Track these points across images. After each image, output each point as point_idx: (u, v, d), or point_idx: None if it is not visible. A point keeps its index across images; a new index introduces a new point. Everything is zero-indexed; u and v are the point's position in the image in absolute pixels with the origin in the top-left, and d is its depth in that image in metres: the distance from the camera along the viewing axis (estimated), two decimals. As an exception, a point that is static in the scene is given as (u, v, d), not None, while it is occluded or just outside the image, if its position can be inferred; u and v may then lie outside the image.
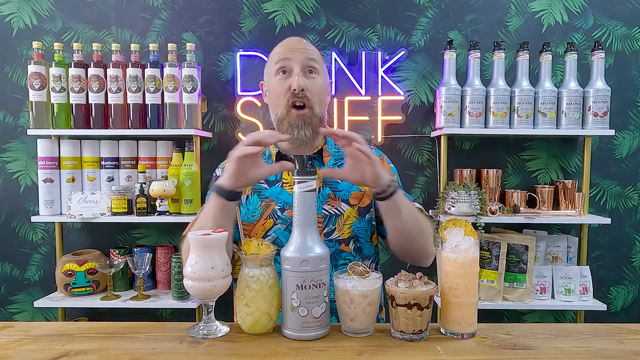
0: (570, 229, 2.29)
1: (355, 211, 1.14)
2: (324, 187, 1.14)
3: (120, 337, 0.87)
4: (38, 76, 2.00)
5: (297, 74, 1.11)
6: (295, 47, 1.15)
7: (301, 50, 1.14)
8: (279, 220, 1.12)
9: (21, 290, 2.36)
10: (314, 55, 1.15)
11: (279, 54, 1.15)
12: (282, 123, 1.13)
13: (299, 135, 1.12)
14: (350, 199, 1.15)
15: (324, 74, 1.19)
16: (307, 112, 1.12)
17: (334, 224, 1.13)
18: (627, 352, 0.80)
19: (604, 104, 2.04)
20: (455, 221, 0.91)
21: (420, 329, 0.84)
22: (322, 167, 1.17)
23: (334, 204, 1.13)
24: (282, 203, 1.13)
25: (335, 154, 1.21)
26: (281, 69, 1.13)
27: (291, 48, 1.15)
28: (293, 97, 1.11)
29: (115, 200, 2.03)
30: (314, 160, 1.18)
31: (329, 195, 1.14)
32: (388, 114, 2.26)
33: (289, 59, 1.13)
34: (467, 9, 2.25)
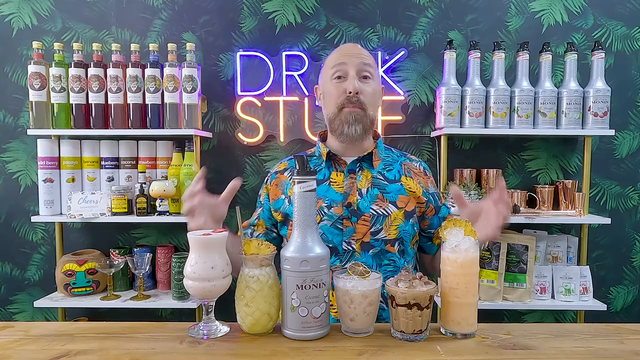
0: (570, 229, 2.29)
1: (401, 214, 1.17)
2: (372, 187, 1.18)
3: (120, 337, 0.87)
4: (38, 76, 2.00)
5: (353, 77, 1.16)
6: (351, 52, 1.20)
7: (356, 55, 1.19)
8: (326, 216, 1.16)
9: (21, 290, 2.36)
10: (369, 61, 1.20)
11: (335, 59, 1.20)
12: (334, 122, 1.19)
13: (350, 131, 1.17)
14: (398, 202, 1.18)
15: (378, 79, 1.25)
16: (359, 111, 1.17)
17: (382, 224, 1.16)
18: (627, 352, 0.80)
19: (604, 104, 2.04)
20: (455, 221, 0.91)
21: (420, 329, 0.84)
22: (371, 170, 1.21)
23: (382, 204, 1.17)
24: (329, 200, 1.17)
25: (386, 158, 1.26)
26: (337, 73, 1.18)
27: (347, 53, 1.20)
28: (347, 100, 1.16)
29: (115, 200, 2.03)
30: (363, 163, 1.22)
31: (377, 196, 1.17)
32: (388, 114, 2.26)
33: (345, 63, 1.18)
34: (467, 9, 2.25)
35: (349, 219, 1.15)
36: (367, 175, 1.20)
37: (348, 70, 1.17)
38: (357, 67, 1.18)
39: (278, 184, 1.28)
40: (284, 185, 1.26)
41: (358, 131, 1.17)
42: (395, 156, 1.29)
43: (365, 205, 1.16)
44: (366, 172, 1.21)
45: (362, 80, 1.18)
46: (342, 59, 1.19)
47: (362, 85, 1.17)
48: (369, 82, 1.19)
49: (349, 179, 1.20)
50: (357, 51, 1.21)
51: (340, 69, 1.18)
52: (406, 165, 1.26)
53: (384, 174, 1.22)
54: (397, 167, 1.24)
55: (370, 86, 1.19)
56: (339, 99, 1.17)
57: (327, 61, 1.24)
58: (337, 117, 1.19)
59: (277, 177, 1.30)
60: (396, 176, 1.22)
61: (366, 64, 1.19)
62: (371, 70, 1.20)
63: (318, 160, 1.26)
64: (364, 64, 1.19)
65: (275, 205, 1.25)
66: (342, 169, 1.21)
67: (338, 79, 1.18)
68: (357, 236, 1.15)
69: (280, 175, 1.29)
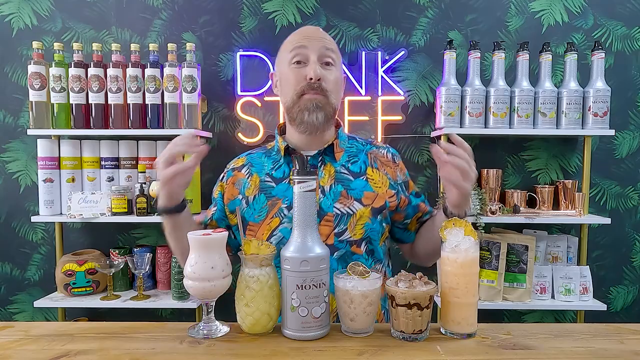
0: (570, 229, 2.29)
1: (368, 211, 1.09)
2: (335, 184, 1.10)
3: (120, 337, 0.87)
4: (38, 76, 2.00)
5: (314, 62, 1.06)
6: (312, 35, 1.10)
7: (318, 38, 1.09)
8: (286, 218, 1.07)
9: (21, 290, 2.36)
10: (332, 46, 1.11)
11: (295, 42, 1.09)
12: (292, 109, 1.09)
13: (310, 119, 1.06)
14: (363, 199, 1.10)
15: (340, 67, 1.14)
16: (321, 98, 1.07)
17: (346, 224, 1.07)
18: (627, 352, 0.80)
19: (604, 104, 2.04)
20: (455, 221, 0.91)
21: (420, 329, 0.84)
22: (334, 164, 1.12)
23: (346, 202, 1.08)
24: (289, 201, 1.08)
25: (349, 149, 1.17)
26: (296, 57, 1.08)
27: (308, 36, 1.09)
28: (308, 87, 1.06)
29: (115, 200, 2.03)
30: (325, 156, 1.13)
31: (341, 193, 1.09)
32: (388, 114, 2.26)
33: (306, 46, 1.07)
34: (467, 9, 2.25)
35: None
36: (330, 170, 1.11)
37: (309, 54, 1.07)
38: (319, 51, 1.07)
39: (235, 182, 1.17)
40: (242, 184, 1.15)
41: (320, 118, 1.07)
42: (361, 145, 1.20)
43: (328, 204, 1.07)
44: (329, 167, 1.12)
45: (324, 66, 1.08)
46: (302, 42, 1.08)
47: (324, 71, 1.07)
48: (331, 68, 1.09)
49: None
50: (320, 34, 1.11)
51: (300, 53, 1.07)
52: (372, 154, 1.17)
53: (348, 167, 1.13)
54: (362, 158, 1.16)
55: (333, 73, 1.09)
56: (299, 86, 1.07)
57: (285, 44, 1.12)
58: (296, 104, 1.08)
59: (234, 174, 1.18)
60: (362, 168, 1.13)
61: (329, 49, 1.09)
62: (334, 57, 1.10)
63: (277, 156, 1.16)
64: (327, 48, 1.08)
65: (230, 206, 1.15)
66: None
67: (297, 64, 1.08)
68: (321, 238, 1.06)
69: (237, 172, 1.18)
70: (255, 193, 1.13)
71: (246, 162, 1.19)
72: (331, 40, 1.13)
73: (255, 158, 1.20)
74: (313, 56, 1.07)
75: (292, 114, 1.10)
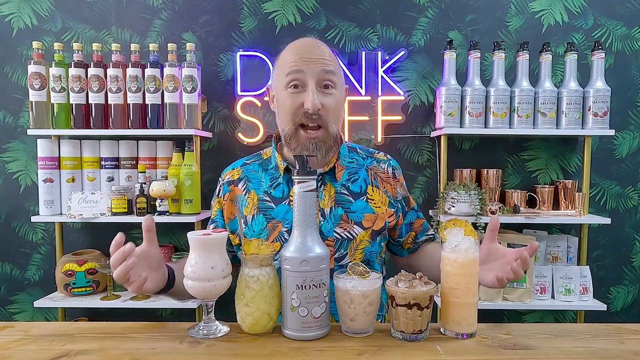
0: (570, 229, 2.29)
1: (368, 235, 1.07)
2: (336, 207, 1.06)
3: (120, 337, 0.87)
4: (38, 76, 2.00)
5: (312, 92, 0.99)
6: (310, 56, 1.01)
7: (317, 60, 1.00)
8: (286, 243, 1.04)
9: (21, 290, 2.36)
10: (331, 66, 1.02)
11: (291, 64, 1.01)
12: (290, 142, 1.04)
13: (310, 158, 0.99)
14: (364, 222, 1.07)
15: (341, 85, 1.06)
16: (320, 134, 1.02)
17: (346, 249, 1.05)
18: (627, 352, 0.80)
19: (604, 104, 2.04)
20: (455, 221, 0.91)
21: (420, 329, 0.84)
22: (334, 183, 1.08)
23: (347, 227, 1.05)
24: (289, 224, 1.03)
25: (350, 165, 1.12)
26: (293, 82, 1.01)
27: (305, 58, 1.00)
28: (305, 117, 1.00)
29: (115, 200, 2.03)
30: (326, 175, 1.08)
31: (341, 217, 1.06)
32: (388, 114, 2.26)
33: (303, 71, 1.00)
34: (467, 9, 2.25)
35: None
36: (331, 190, 1.07)
37: (306, 80, 0.99)
38: (318, 76, 1.00)
39: (233, 199, 1.11)
40: (239, 202, 1.10)
41: (320, 157, 1.03)
42: (361, 159, 1.15)
43: (329, 229, 1.04)
44: (329, 187, 1.08)
45: (323, 90, 1.01)
46: (299, 66, 1.00)
47: (323, 97, 1.00)
48: (331, 92, 1.02)
49: None
50: (318, 54, 1.01)
51: (297, 78, 1.00)
52: (373, 170, 1.14)
53: (349, 186, 1.09)
54: (362, 175, 1.12)
55: (333, 97, 1.02)
56: (296, 115, 1.01)
57: (281, 62, 1.04)
58: (293, 137, 1.03)
59: (230, 189, 1.12)
60: (362, 187, 1.10)
61: (328, 71, 1.01)
62: (333, 78, 1.02)
63: (275, 173, 1.10)
64: (326, 71, 1.00)
65: (231, 226, 1.11)
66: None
67: (294, 88, 1.01)
68: None
69: (234, 187, 1.12)
70: (254, 212, 1.08)
71: (242, 176, 1.14)
72: (331, 56, 1.04)
73: (251, 172, 1.14)
74: (311, 82, 1.00)
75: (291, 145, 1.05)
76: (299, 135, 1.03)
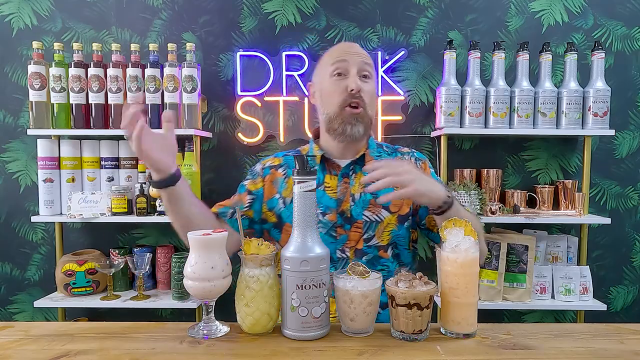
0: (570, 229, 2.29)
1: (395, 218, 1.17)
2: (364, 193, 1.17)
3: (120, 337, 0.87)
4: (38, 76, 2.00)
5: (354, 76, 1.14)
6: (351, 50, 1.18)
7: (357, 54, 1.18)
8: (320, 224, 1.14)
9: (21, 290, 2.36)
10: (369, 61, 1.19)
11: (336, 56, 1.17)
12: (334, 121, 1.17)
13: (352, 132, 1.15)
14: (391, 206, 1.17)
15: (374, 79, 1.23)
16: (361, 111, 1.15)
17: (374, 231, 1.15)
18: (627, 352, 0.80)
19: (604, 104, 2.04)
20: (455, 221, 0.91)
21: (420, 329, 0.84)
22: (364, 173, 1.17)
23: (375, 210, 1.16)
24: (323, 207, 1.16)
25: (377, 158, 1.23)
26: (337, 70, 1.16)
27: (348, 51, 1.18)
28: (350, 97, 1.14)
29: (115, 200, 2.03)
30: (356, 165, 1.20)
31: (370, 202, 1.16)
32: (388, 114, 2.26)
33: (346, 60, 1.16)
34: (467, 9, 2.25)
35: (342, 227, 1.16)
36: (361, 178, 1.19)
37: (349, 68, 1.16)
38: (359, 65, 1.16)
39: (273, 180, 1.23)
40: (279, 184, 1.22)
41: (360, 131, 1.16)
42: (387, 154, 1.28)
43: (358, 212, 1.16)
44: (359, 175, 1.19)
45: (363, 79, 1.17)
46: (343, 56, 1.17)
47: (363, 84, 1.16)
48: (368, 81, 1.18)
49: (343, 183, 1.19)
50: (358, 50, 1.20)
51: (341, 67, 1.16)
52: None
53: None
54: None
55: (370, 85, 1.19)
56: (341, 97, 1.15)
57: (325, 58, 1.22)
58: (338, 116, 1.16)
59: (271, 172, 1.25)
60: None
61: (367, 63, 1.18)
62: (370, 70, 1.19)
63: (312, 162, 1.23)
64: (365, 62, 1.18)
65: (270, 204, 1.22)
66: (336, 173, 1.20)
67: (338, 76, 1.16)
68: (351, 244, 1.16)
69: (275, 171, 1.25)
70: (291, 196, 1.18)
71: (283, 163, 1.25)
72: (367, 55, 1.21)
73: (291, 161, 1.25)
74: (353, 69, 1.15)
75: (334, 125, 1.17)
76: (344, 113, 1.15)
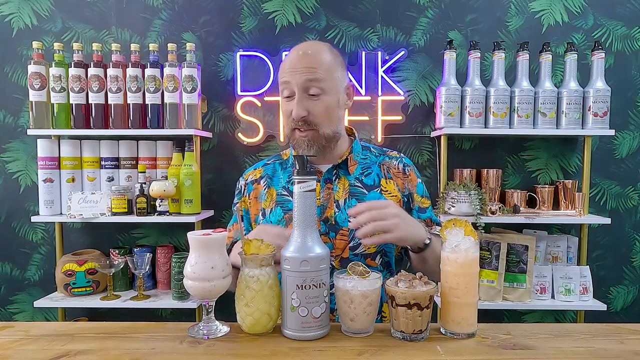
0: (570, 229, 2.29)
1: None
2: (350, 198, 1.13)
3: (120, 337, 0.87)
4: (38, 76, 2.00)
5: (297, 102, 1.06)
6: (296, 66, 1.07)
7: (302, 70, 1.06)
8: None
9: (21, 290, 2.36)
10: (318, 74, 1.06)
11: (282, 75, 1.10)
12: (290, 141, 1.14)
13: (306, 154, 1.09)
14: None
15: (334, 88, 1.10)
16: (310, 134, 1.09)
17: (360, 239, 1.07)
18: (627, 352, 0.80)
19: (604, 104, 2.04)
20: (455, 221, 0.91)
21: (420, 329, 0.84)
22: (347, 176, 1.16)
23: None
24: None
25: (363, 161, 1.19)
26: (284, 91, 1.10)
27: (293, 68, 1.07)
28: (295, 124, 1.09)
29: (115, 200, 2.03)
30: (339, 169, 1.16)
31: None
32: (388, 114, 2.26)
33: (289, 82, 1.08)
34: (467, 9, 2.25)
35: (327, 235, 1.10)
36: (345, 183, 1.14)
37: (293, 88, 1.07)
38: (302, 85, 1.06)
39: (257, 196, 1.20)
40: (262, 197, 1.19)
41: (313, 152, 1.09)
42: (374, 157, 1.22)
43: (343, 219, 1.10)
44: (343, 180, 1.15)
45: (311, 98, 1.07)
46: (286, 76, 1.08)
47: (310, 104, 1.07)
48: (319, 98, 1.07)
49: (326, 189, 1.14)
50: (304, 63, 1.06)
51: (287, 88, 1.09)
52: (385, 165, 1.20)
53: (362, 179, 1.16)
54: (375, 170, 1.18)
55: (321, 102, 1.07)
56: (289, 120, 1.10)
57: (279, 71, 1.14)
58: (291, 138, 1.12)
59: (254, 187, 1.21)
60: (375, 181, 1.16)
61: (312, 80, 1.06)
62: (321, 85, 1.06)
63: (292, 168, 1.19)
64: (309, 80, 1.05)
65: (257, 219, 1.19)
66: (317, 179, 1.12)
67: (287, 98, 1.10)
68: (336, 252, 1.10)
69: (257, 185, 1.21)
70: (272, 206, 1.17)
71: (263, 174, 1.23)
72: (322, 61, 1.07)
73: (271, 170, 1.24)
74: (298, 91, 1.07)
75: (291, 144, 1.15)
76: (294, 135, 1.11)
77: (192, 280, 0.84)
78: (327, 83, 1.08)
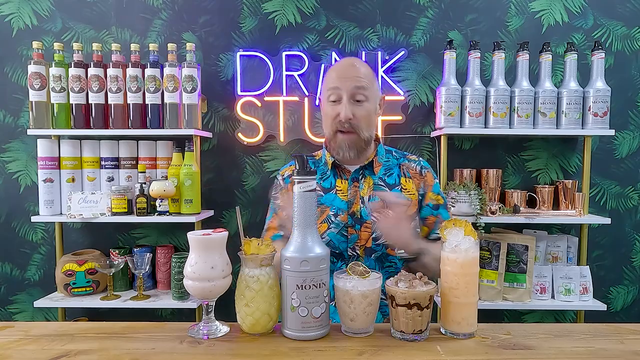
0: (570, 229, 2.29)
1: None
2: (373, 195, 1.24)
3: (120, 337, 0.87)
4: (38, 76, 2.00)
5: (345, 105, 1.19)
6: (345, 74, 1.21)
7: (351, 78, 1.20)
8: (333, 224, 1.22)
9: (21, 290, 2.36)
10: (364, 82, 1.21)
11: (331, 82, 1.23)
12: (330, 144, 1.28)
13: (342, 157, 1.25)
14: None
15: (374, 97, 1.25)
16: (352, 137, 1.22)
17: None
18: (627, 352, 0.80)
19: (604, 104, 2.04)
20: (455, 221, 0.91)
21: (420, 329, 0.84)
22: (372, 176, 1.27)
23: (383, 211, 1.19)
24: (335, 209, 1.23)
25: (386, 163, 1.31)
26: (331, 96, 1.22)
27: (342, 75, 1.21)
28: (340, 125, 1.21)
29: (115, 200, 2.03)
30: (365, 170, 1.27)
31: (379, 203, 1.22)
32: (388, 114, 2.26)
33: (339, 88, 1.20)
34: (467, 9, 2.25)
35: (353, 227, 1.22)
36: (369, 182, 1.26)
37: (342, 94, 1.20)
38: (350, 91, 1.20)
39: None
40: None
41: (352, 156, 1.23)
42: (395, 160, 1.34)
43: (367, 213, 1.23)
44: (368, 179, 1.27)
45: (356, 104, 1.21)
46: (336, 83, 1.21)
47: (355, 108, 1.20)
48: (362, 105, 1.21)
49: (353, 187, 1.26)
50: (352, 72, 1.22)
51: (334, 93, 1.22)
52: (405, 167, 1.32)
53: (385, 179, 1.28)
54: (396, 171, 1.30)
55: (364, 108, 1.22)
56: (333, 122, 1.22)
57: (326, 79, 1.27)
58: (332, 139, 1.25)
59: (291, 181, 1.32)
60: (396, 180, 1.28)
61: (359, 87, 1.20)
62: (366, 93, 1.21)
63: (324, 168, 1.31)
64: (357, 87, 1.20)
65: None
66: (346, 177, 1.28)
67: (333, 102, 1.22)
68: (361, 242, 1.22)
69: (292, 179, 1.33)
70: None
71: None
72: (365, 73, 1.23)
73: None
74: (345, 96, 1.20)
75: (330, 147, 1.28)
76: (337, 138, 1.23)
77: (192, 280, 0.84)
78: (369, 92, 1.23)
